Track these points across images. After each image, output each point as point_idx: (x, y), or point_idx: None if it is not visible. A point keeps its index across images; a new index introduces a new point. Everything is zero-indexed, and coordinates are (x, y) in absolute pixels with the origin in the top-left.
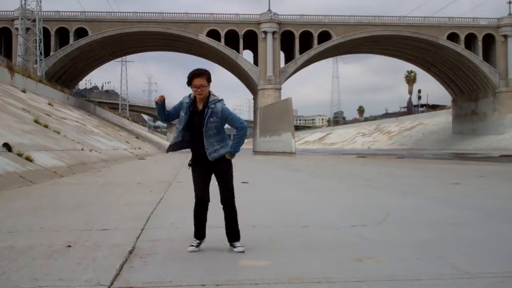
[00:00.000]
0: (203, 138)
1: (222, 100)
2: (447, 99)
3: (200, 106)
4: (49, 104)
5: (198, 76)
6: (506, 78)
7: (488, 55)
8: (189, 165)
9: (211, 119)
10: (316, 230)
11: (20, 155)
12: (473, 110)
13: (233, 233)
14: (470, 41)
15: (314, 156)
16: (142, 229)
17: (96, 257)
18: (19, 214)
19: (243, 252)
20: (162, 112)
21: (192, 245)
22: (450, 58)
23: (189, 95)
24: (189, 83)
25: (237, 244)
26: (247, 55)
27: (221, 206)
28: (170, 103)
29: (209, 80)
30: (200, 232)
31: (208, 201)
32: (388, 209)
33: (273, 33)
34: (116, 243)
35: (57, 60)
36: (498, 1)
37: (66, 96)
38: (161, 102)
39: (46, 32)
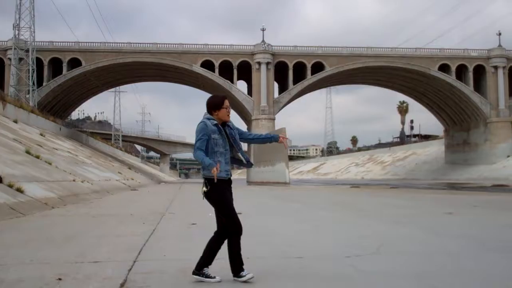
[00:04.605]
0: (236, 151)
1: None
2: (440, 129)
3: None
4: (41, 134)
5: (226, 98)
6: (497, 108)
7: (479, 86)
8: (205, 193)
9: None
10: (309, 261)
11: (10, 186)
12: (465, 140)
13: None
14: (461, 72)
15: (308, 186)
16: (134, 261)
17: None
18: (9, 246)
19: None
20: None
21: (212, 276)
22: (441, 89)
23: (208, 119)
24: (220, 105)
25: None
26: (241, 85)
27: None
28: (164, 133)
29: None
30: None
31: None
32: (382, 239)
33: (267, 64)
34: (107, 275)
35: (50, 90)
36: (487, 33)
37: (58, 127)
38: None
39: (39, 62)
